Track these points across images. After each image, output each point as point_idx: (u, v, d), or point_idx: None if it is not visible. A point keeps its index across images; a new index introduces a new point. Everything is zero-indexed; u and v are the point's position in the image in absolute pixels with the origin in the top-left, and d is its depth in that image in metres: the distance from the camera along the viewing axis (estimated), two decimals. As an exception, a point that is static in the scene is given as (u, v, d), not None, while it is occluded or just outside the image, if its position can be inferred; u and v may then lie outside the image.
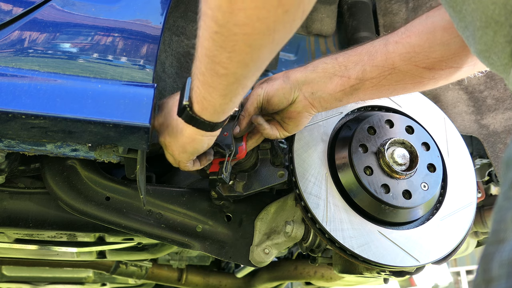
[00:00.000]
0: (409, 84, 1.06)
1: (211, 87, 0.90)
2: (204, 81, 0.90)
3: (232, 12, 0.73)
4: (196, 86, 0.93)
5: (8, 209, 1.34)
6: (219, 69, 0.84)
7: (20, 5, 1.00)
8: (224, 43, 0.79)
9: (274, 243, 1.28)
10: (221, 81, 0.88)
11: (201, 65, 0.87)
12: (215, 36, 0.78)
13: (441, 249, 1.21)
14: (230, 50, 0.80)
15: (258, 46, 0.79)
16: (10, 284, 2.42)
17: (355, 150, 1.19)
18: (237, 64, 0.83)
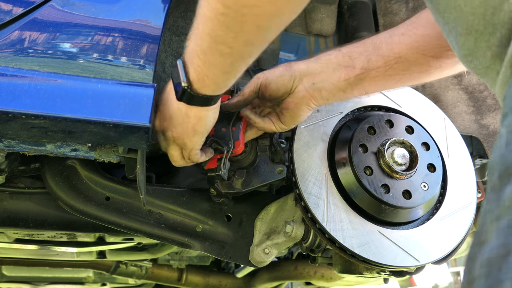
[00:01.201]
0: (415, 73, 1.06)
1: (213, 65, 0.90)
2: (205, 59, 0.90)
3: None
4: (196, 64, 0.92)
5: (8, 209, 1.34)
6: (223, 48, 0.85)
7: (20, 5, 1.00)
8: (230, 24, 0.79)
9: (274, 243, 1.28)
10: (225, 60, 0.88)
11: (202, 44, 0.87)
12: (221, 17, 0.79)
13: (441, 249, 1.21)
14: (237, 31, 0.81)
15: (266, 26, 0.80)
16: (10, 284, 2.43)
17: (355, 150, 1.19)
18: (243, 44, 0.84)
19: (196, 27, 0.87)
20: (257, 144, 1.26)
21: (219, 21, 0.80)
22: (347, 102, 1.29)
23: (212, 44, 0.85)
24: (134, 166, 1.10)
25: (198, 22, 0.86)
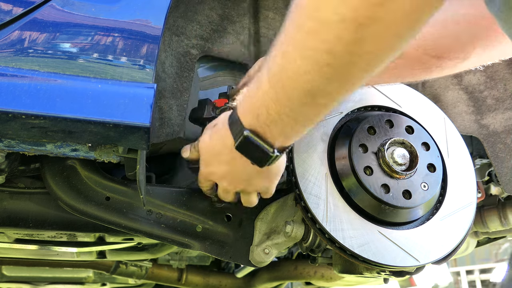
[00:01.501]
0: (416, 70, 1.06)
1: (305, 117, 0.83)
2: (295, 114, 0.82)
3: (357, 42, 0.66)
4: (278, 124, 0.85)
5: (8, 209, 1.34)
6: (320, 100, 0.78)
7: (20, 5, 1.00)
8: (335, 75, 0.72)
9: (274, 243, 1.28)
10: (320, 110, 0.82)
11: (292, 102, 0.79)
12: (325, 69, 0.71)
13: (441, 249, 1.21)
14: (342, 81, 0.74)
15: (373, 71, 0.73)
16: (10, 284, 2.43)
17: (355, 150, 1.19)
18: (346, 92, 0.77)
19: (272, 88, 0.79)
20: None
21: (323, 73, 0.71)
22: (347, 102, 1.29)
23: (307, 99, 0.77)
24: (134, 166, 1.10)
25: (277, 72, 0.78)
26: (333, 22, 0.66)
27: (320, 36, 0.68)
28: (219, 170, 1.06)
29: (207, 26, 1.47)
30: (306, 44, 0.70)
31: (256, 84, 0.84)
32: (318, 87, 0.75)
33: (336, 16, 0.65)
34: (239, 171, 1.02)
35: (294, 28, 0.72)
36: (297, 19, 0.71)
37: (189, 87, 1.41)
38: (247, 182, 1.07)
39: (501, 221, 1.77)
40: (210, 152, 1.05)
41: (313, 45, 0.70)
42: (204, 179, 1.14)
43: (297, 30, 0.71)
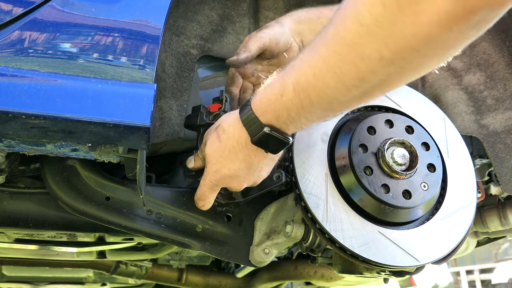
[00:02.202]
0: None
1: (321, 119, 0.96)
2: (313, 117, 0.93)
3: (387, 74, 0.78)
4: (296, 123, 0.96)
5: (8, 209, 1.34)
6: (339, 108, 0.91)
7: (20, 5, 1.00)
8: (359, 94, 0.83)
9: (274, 243, 1.28)
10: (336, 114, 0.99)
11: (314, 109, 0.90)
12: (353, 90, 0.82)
13: (441, 249, 1.21)
14: (364, 98, 0.85)
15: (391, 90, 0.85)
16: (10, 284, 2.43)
17: (355, 150, 1.19)
18: (364, 103, 0.93)
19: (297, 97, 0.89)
20: None
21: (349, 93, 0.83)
22: (347, 102, 1.29)
23: (328, 108, 0.89)
24: (134, 166, 1.10)
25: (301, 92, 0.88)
26: (373, 59, 0.75)
27: (359, 67, 0.77)
28: (231, 169, 1.08)
29: (207, 26, 1.47)
30: (342, 71, 0.80)
31: (278, 91, 0.93)
32: (341, 102, 0.86)
33: (377, 54, 0.74)
34: (254, 163, 1.07)
35: (331, 55, 0.80)
36: (338, 48, 0.79)
37: (189, 87, 1.41)
38: (259, 173, 1.11)
39: (501, 221, 1.77)
40: (221, 154, 1.08)
41: (348, 74, 0.79)
42: (210, 187, 1.14)
43: (336, 58, 0.80)
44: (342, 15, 0.78)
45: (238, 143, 1.04)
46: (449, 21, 0.67)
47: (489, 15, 0.67)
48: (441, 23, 0.68)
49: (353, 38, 0.76)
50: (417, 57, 0.74)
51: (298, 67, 0.88)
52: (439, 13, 0.67)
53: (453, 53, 0.75)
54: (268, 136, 0.98)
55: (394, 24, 0.70)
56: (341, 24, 0.78)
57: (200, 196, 1.18)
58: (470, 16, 0.66)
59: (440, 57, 0.76)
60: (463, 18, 0.66)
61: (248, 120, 1.00)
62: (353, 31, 0.75)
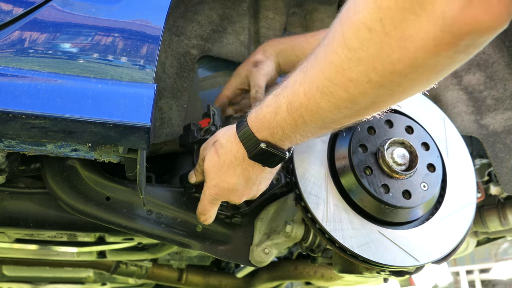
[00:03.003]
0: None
1: (315, 135, 0.95)
2: (308, 134, 0.94)
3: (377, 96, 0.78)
4: (291, 139, 0.97)
5: (8, 209, 1.34)
6: (332, 126, 0.91)
7: (20, 5, 1.00)
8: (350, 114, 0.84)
9: (274, 243, 1.28)
10: (330, 131, 0.96)
11: (308, 127, 0.91)
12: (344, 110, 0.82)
13: (441, 249, 1.21)
14: (356, 117, 0.86)
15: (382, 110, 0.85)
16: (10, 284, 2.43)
17: (354, 150, 1.19)
18: (357, 120, 0.88)
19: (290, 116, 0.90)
20: None
21: (340, 113, 0.83)
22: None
23: (322, 125, 0.89)
24: (134, 166, 1.10)
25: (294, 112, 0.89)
26: (361, 82, 0.75)
27: (347, 89, 0.78)
28: (229, 184, 1.09)
29: (207, 26, 1.47)
30: (333, 92, 0.80)
31: (273, 110, 0.95)
32: (333, 119, 0.87)
33: (365, 78, 0.75)
34: (252, 177, 1.09)
35: (321, 77, 0.81)
36: (326, 71, 0.80)
37: (189, 87, 1.41)
38: (257, 186, 1.13)
39: (500, 221, 1.77)
40: (219, 169, 1.09)
41: (339, 95, 0.80)
42: (210, 201, 1.15)
43: (325, 80, 0.80)
44: (330, 38, 0.78)
45: (236, 158, 1.06)
46: (437, 47, 0.66)
47: (477, 40, 0.66)
48: (428, 49, 0.67)
49: (341, 61, 0.76)
50: (406, 81, 0.73)
51: (291, 87, 0.90)
52: (426, 40, 0.66)
53: (442, 76, 0.75)
54: (264, 152, 1.01)
55: (381, 49, 0.70)
56: (330, 47, 0.78)
57: (202, 210, 1.19)
58: (458, 41, 0.65)
59: (429, 81, 0.76)
60: (451, 44, 0.66)
61: (244, 136, 1.02)
62: (341, 54, 0.75)
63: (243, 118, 1.04)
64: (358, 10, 0.71)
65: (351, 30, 0.73)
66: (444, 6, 0.63)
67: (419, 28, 0.66)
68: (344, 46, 0.74)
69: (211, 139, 1.15)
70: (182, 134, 1.33)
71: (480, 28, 0.64)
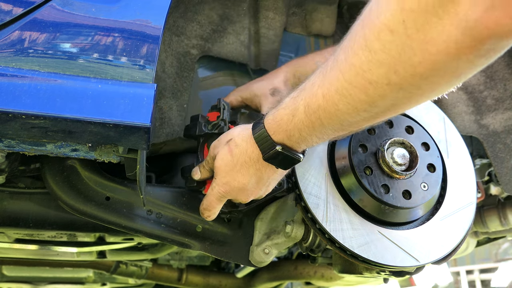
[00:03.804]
0: None
1: (331, 137, 0.96)
2: (324, 137, 0.95)
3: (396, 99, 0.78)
4: (308, 142, 0.97)
5: (8, 209, 1.35)
6: (350, 129, 0.91)
7: (20, 5, 1.00)
8: (368, 116, 0.83)
9: (274, 243, 1.28)
10: (347, 133, 0.95)
11: (325, 130, 0.91)
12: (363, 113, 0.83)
13: (441, 249, 1.21)
14: (374, 119, 0.85)
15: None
16: (10, 284, 2.43)
17: (355, 150, 1.19)
18: (370, 124, 0.88)
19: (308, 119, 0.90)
20: None
21: (359, 115, 0.83)
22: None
23: (339, 128, 0.90)
24: (134, 166, 1.10)
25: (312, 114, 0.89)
26: (381, 84, 0.76)
27: (367, 92, 0.78)
28: (240, 183, 1.10)
29: (207, 26, 1.47)
30: (352, 95, 0.80)
31: (290, 112, 0.95)
32: (351, 122, 0.87)
33: (385, 80, 0.75)
34: (263, 177, 1.10)
35: (341, 79, 0.81)
36: (346, 73, 0.80)
37: (189, 87, 1.41)
38: (266, 187, 1.15)
39: (500, 221, 1.77)
40: (232, 168, 1.10)
41: (358, 97, 0.80)
42: (218, 198, 1.16)
43: (345, 82, 0.80)
44: (351, 41, 0.78)
45: (250, 159, 1.07)
46: (458, 51, 0.66)
47: (498, 44, 0.66)
48: (450, 52, 0.67)
49: (362, 64, 0.76)
50: (426, 84, 0.73)
51: (309, 89, 0.90)
52: (447, 42, 0.66)
53: (462, 80, 0.75)
54: (279, 154, 1.01)
55: (402, 51, 0.70)
56: (350, 49, 0.78)
57: (207, 206, 1.19)
58: (479, 45, 0.65)
59: (449, 84, 0.76)
60: (472, 47, 0.66)
61: (261, 137, 1.03)
62: (362, 56, 0.75)
63: (260, 119, 1.05)
64: (380, 11, 0.71)
65: (372, 32, 0.73)
66: (467, 9, 0.63)
67: (441, 31, 0.66)
68: (365, 48, 0.75)
69: (224, 137, 1.15)
70: (188, 125, 1.32)
71: (502, 32, 0.64)
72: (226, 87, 1.56)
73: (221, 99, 1.32)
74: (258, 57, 1.59)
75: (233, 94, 1.44)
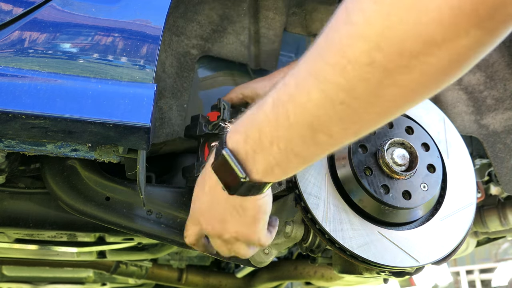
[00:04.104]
0: None
1: (296, 155, 0.76)
2: (288, 148, 0.75)
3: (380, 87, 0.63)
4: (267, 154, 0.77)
5: (8, 209, 1.35)
6: (321, 137, 0.72)
7: (20, 5, 1.00)
8: (346, 115, 0.68)
9: (274, 243, 1.28)
10: (315, 150, 0.76)
11: (290, 132, 0.73)
12: (338, 107, 0.66)
13: (441, 250, 1.21)
14: (352, 122, 0.69)
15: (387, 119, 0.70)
16: (10, 284, 2.43)
17: (354, 151, 1.19)
18: (350, 136, 0.72)
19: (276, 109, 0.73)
20: None
21: (334, 111, 0.67)
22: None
23: (308, 133, 0.72)
24: (134, 166, 1.10)
25: (286, 104, 0.72)
26: (362, 64, 0.62)
27: (345, 74, 0.64)
28: (201, 205, 1.00)
29: (207, 26, 1.47)
30: (327, 78, 0.66)
31: (256, 106, 0.80)
32: (324, 123, 0.70)
33: (367, 59, 0.62)
34: (215, 202, 0.95)
35: (317, 60, 0.68)
36: (324, 52, 0.67)
37: (189, 87, 1.41)
38: (222, 223, 0.96)
39: (500, 221, 1.77)
40: (198, 185, 1.01)
41: (334, 80, 0.66)
42: (190, 223, 1.08)
43: (321, 62, 0.67)
44: (333, 20, 0.67)
45: (208, 171, 0.93)
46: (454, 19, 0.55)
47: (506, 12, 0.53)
48: (443, 20, 0.55)
49: (341, 38, 0.64)
50: (417, 65, 0.60)
51: (282, 82, 0.76)
52: (441, 7, 0.55)
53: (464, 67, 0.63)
54: (224, 161, 0.82)
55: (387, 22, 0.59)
56: (331, 28, 0.67)
57: (185, 238, 1.12)
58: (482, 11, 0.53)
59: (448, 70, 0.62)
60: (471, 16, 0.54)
61: (219, 142, 0.87)
62: (342, 30, 0.64)
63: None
64: None
65: (355, 3, 0.63)
66: None
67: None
68: (347, 21, 0.63)
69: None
70: (189, 125, 1.32)
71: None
72: (226, 87, 1.56)
73: (221, 99, 1.32)
74: (258, 57, 1.59)
75: (234, 91, 1.42)
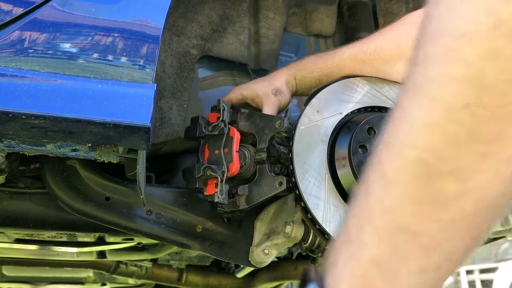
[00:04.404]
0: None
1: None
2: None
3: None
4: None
5: (8, 209, 1.35)
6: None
7: (20, 5, 1.00)
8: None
9: (274, 243, 1.28)
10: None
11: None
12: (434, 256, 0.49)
13: (441, 250, 1.21)
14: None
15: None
16: (10, 284, 2.43)
17: (355, 151, 1.19)
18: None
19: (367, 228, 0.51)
20: (255, 157, 1.26)
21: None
22: (347, 103, 1.29)
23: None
24: (134, 166, 1.10)
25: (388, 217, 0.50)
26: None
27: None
28: None
29: (207, 26, 1.47)
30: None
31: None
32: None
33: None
34: None
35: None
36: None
37: (189, 87, 1.41)
38: None
39: (500, 221, 1.77)
40: None
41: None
42: None
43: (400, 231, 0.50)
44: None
45: None
46: None
47: None
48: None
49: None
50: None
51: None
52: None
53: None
54: None
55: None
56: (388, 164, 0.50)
57: None
58: None
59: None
60: None
61: None
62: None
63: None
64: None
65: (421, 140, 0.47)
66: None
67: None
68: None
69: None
70: (189, 127, 1.32)
71: None
72: (226, 87, 1.56)
73: (221, 100, 1.32)
74: (258, 57, 1.59)
75: (233, 92, 1.42)
